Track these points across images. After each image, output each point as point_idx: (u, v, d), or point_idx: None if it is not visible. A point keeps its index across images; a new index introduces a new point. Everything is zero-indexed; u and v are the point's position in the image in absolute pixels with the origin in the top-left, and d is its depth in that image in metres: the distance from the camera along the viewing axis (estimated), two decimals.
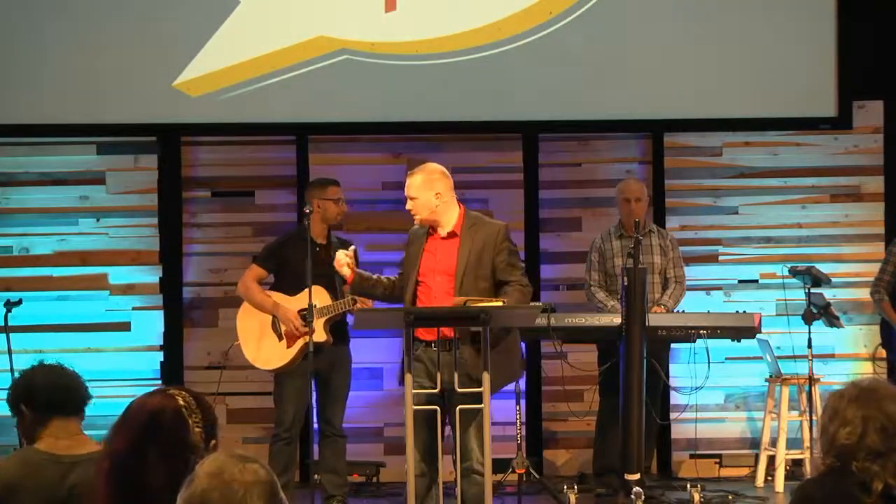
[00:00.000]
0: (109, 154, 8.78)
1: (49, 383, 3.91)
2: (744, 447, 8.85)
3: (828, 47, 8.70)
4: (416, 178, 6.40)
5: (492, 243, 6.29)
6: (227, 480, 2.58)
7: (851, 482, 3.39)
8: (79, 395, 3.95)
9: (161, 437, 3.13)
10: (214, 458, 2.65)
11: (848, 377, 8.67)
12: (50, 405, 3.88)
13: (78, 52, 8.56)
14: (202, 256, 8.84)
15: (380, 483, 8.44)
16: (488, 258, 6.28)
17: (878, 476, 3.34)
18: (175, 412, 3.19)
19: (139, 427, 3.14)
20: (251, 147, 8.88)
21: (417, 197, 6.39)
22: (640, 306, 7.25)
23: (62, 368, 4.01)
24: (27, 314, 8.32)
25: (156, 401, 3.21)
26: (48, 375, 3.95)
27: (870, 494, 3.36)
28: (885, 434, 3.35)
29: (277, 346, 7.38)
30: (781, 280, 8.46)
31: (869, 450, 3.35)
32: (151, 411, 3.17)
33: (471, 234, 6.33)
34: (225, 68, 8.60)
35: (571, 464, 8.79)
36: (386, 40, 8.63)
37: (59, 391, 3.91)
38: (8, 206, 8.76)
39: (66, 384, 3.94)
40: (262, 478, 2.61)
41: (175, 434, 3.15)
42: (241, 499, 2.57)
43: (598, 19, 8.68)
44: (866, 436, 3.36)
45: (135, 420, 3.16)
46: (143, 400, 3.23)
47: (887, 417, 3.35)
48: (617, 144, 9.01)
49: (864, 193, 8.96)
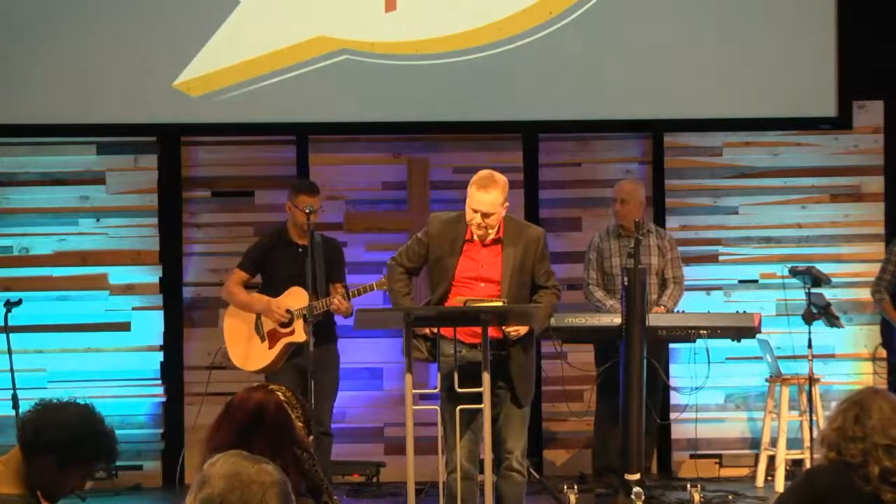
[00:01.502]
0: (109, 154, 8.82)
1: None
2: (744, 447, 8.89)
3: (828, 47, 8.74)
4: (492, 195, 6.08)
5: (533, 250, 6.21)
6: (246, 482, 2.62)
7: (853, 473, 3.60)
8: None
9: (266, 430, 3.21)
10: (226, 460, 2.68)
11: (848, 377, 8.95)
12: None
13: (78, 53, 8.59)
14: (202, 256, 8.87)
15: (380, 483, 8.47)
16: (529, 265, 6.22)
17: (873, 460, 3.60)
18: (278, 406, 3.26)
19: (244, 420, 3.21)
20: (251, 147, 8.93)
21: (494, 213, 6.13)
22: (640, 306, 7.28)
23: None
24: (27, 314, 8.33)
25: (259, 395, 3.29)
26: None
27: (869, 482, 3.58)
28: (859, 421, 3.66)
29: (260, 348, 7.48)
30: (781, 280, 8.55)
31: (850, 437, 3.64)
32: (257, 405, 3.24)
33: (513, 241, 6.19)
34: (225, 68, 8.63)
35: (571, 464, 8.81)
36: (386, 40, 8.66)
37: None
38: (8, 206, 8.80)
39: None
40: (276, 478, 2.65)
41: (280, 427, 3.22)
42: (260, 500, 2.61)
43: (598, 20, 8.73)
44: (874, 454, 3.62)
45: (239, 414, 3.24)
46: (246, 395, 3.30)
47: (864, 410, 3.67)
48: (617, 144, 9.06)
49: (864, 193, 9.00)
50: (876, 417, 3.62)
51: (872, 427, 3.61)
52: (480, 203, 6.03)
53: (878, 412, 3.63)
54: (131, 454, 8.62)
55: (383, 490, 8.33)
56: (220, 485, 2.62)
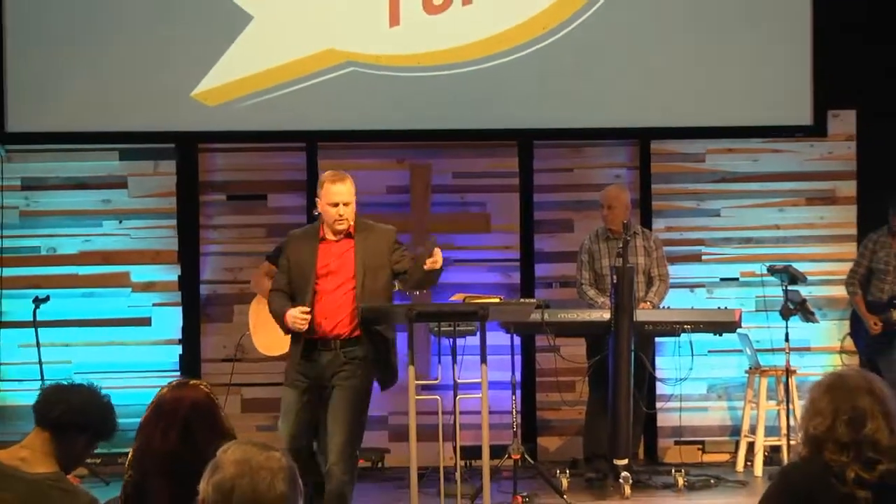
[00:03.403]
0: (131, 160, 8.80)
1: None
2: (725, 434, 8.86)
3: (804, 60, 8.74)
4: (347, 185, 6.06)
5: (387, 242, 6.11)
6: (255, 468, 2.60)
7: (827, 471, 3.33)
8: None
9: (206, 425, 3.11)
10: (238, 447, 2.66)
11: (823, 369, 8.73)
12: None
13: (102, 66, 8.58)
14: (218, 256, 8.84)
15: (384, 468, 8.47)
16: (384, 257, 6.09)
17: (848, 466, 3.30)
18: (209, 399, 3.16)
19: (185, 419, 3.10)
20: (264, 153, 8.89)
21: (350, 202, 6.09)
22: (628, 303, 7.28)
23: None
24: (54, 310, 8.37)
25: (189, 392, 3.17)
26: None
27: (844, 483, 3.31)
28: (853, 426, 3.30)
29: (279, 333, 7.41)
30: (760, 278, 8.47)
31: (837, 441, 3.31)
32: (192, 402, 3.13)
33: (364, 236, 6.09)
34: (239, 79, 8.62)
35: (564, 450, 8.78)
36: (390, 53, 8.64)
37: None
38: (36, 208, 8.76)
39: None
40: (284, 464, 2.64)
41: (214, 420, 3.14)
42: (268, 484, 2.60)
43: (589, 34, 8.69)
44: (835, 427, 3.32)
45: (177, 414, 3.11)
46: (175, 394, 3.16)
47: (855, 410, 3.31)
48: (606, 151, 8.99)
49: (838, 197, 8.96)
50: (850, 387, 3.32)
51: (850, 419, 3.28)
52: (339, 193, 6.00)
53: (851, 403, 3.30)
54: None
55: (388, 474, 8.33)
56: (231, 470, 2.61)
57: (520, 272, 8.85)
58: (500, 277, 8.85)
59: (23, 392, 8.16)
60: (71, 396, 3.59)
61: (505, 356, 7.66)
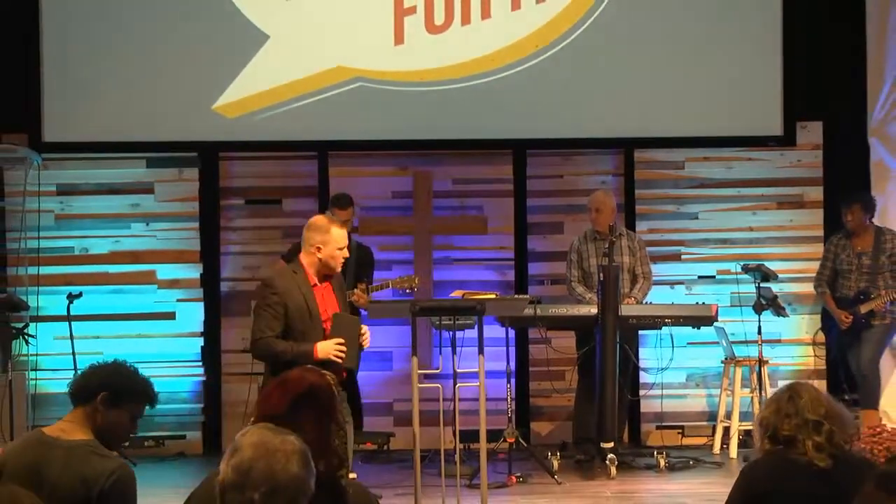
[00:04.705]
0: (157, 167, 8.83)
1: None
2: (703, 419, 8.88)
3: (775, 76, 8.75)
4: (344, 231, 5.68)
5: (339, 279, 5.75)
6: (271, 450, 2.63)
7: (787, 464, 3.61)
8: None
9: (317, 406, 3.11)
10: (255, 431, 2.69)
11: (792, 359, 8.84)
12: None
13: (130, 79, 8.62)
14: (237, 255, 8.89)
15: (390, 451, 8.48)
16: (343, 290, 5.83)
17: (809, 437, 3.62)
18: (329, 389, 3.19)
19: (299, 394, 3.12)
20: (279, 161, 8.91)
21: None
22: (614, 298, 7.33)
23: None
24: (87, 305, 8.44)
25: (314, 376, 3.19)
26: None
27: (805, 453, 3.61)
28: (792, 401, 3.69)
29: None
30: (735, 276, 8.53)
31: (785, 414, 3.66)
32: (312, 383, 3.15)
33: (336, 279, 5.72)
34: (257, 93, 8.65)
35: (555, 434, 8.82)
36: (395, 70, 8.68)
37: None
38: (70, 212, 8.81)
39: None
40: (298, 447, 2.67)
41: (327, 405, 3.15)
42: (283, 465, 2.62)
43: (578, 51, 8.73)
44: (781, 405, 3.69)
45: (295, 387, 3.13)
46: (302, 373, 3.20)
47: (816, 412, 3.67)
48: (594, 159, 9.00)
49: (806, 201, 9.00)
50: (805, 398, 3.64)
51: (803, 405, 3.62)
52: (343, 238, 5.58)
53: (806, 394, 3.66)
54: (176, 426, 8.65)
55: (393, 457, 8.33)
56: (249, 452, 2.62)
57: (514, 270, 8.89)
58: (496, 275, 8.89)
59: (58, 381, 8.13)
60: (96, 368, 3.73)
61: (500, 348, 7.75)
